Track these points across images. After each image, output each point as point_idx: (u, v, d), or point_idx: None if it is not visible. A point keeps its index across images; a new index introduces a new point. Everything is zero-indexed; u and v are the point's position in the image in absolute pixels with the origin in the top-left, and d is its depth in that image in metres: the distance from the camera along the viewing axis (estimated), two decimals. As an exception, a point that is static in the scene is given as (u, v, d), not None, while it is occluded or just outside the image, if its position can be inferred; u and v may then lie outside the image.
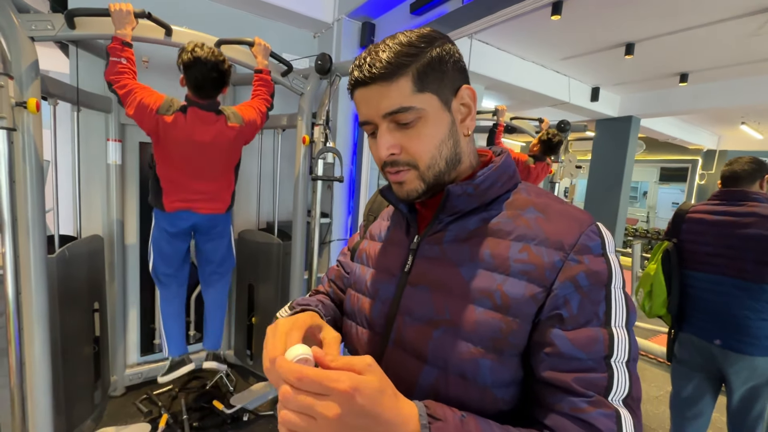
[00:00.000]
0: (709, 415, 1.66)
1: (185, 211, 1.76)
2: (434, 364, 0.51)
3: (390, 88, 0.50)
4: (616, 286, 0.48)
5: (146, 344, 2.42)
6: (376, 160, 0.57)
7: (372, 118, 0.53)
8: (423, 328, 0.52)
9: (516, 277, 0.48)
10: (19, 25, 1.34)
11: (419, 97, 0.51)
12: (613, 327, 0.46)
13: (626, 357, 0.46)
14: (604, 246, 0.49)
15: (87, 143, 2.04)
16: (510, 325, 0.47)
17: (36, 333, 1.44)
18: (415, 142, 0.52)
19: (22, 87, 1.33)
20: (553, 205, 0.53)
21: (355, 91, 0.53)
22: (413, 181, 0.54)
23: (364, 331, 0.61)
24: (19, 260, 1.39)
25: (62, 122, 1.84)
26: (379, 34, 2.45)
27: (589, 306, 0.46)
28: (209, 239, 1.93)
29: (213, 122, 1.68)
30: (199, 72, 1.55)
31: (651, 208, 9.61)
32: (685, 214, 1.64)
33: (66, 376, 1.69)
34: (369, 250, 0.67)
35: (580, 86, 4.08)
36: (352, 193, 2.69)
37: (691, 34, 2.76)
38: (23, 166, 1.36)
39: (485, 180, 0.54)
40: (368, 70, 0.50)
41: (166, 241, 1.83)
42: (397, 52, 0.50)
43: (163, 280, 1.91)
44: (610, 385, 0.44)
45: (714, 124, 6.09)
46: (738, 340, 1.45)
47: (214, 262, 2.01)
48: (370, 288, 0.62)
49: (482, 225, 0.54)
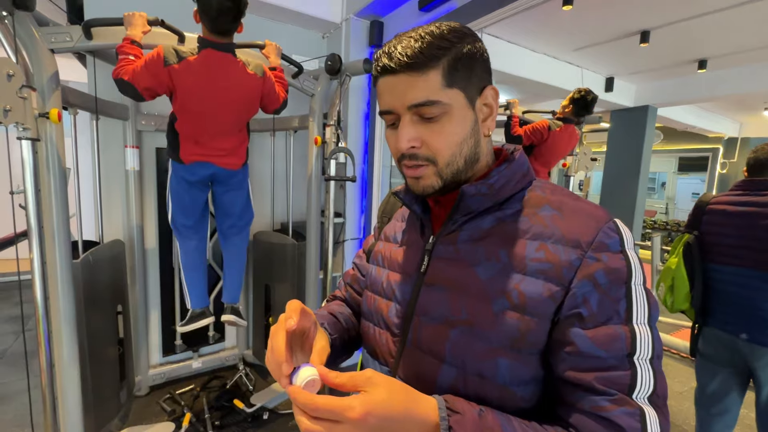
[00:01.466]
0: (736, 412, 1.61)
1: (204, 162, 1.72)
2: (452, 363, 0.51)
3: (419, 80, 0.49)
4: (636, 283, 0.47)
5: (168, 345, 2.48)
6: (392, 152, 0.56)
7: (395, 108, 0.52)
8: (440, 328, 0.52)
9: (533, 276, 0.48)
10: (40, 39, 1.38)
11: (447, 92, 0.50)
12: (634, 324, 0.45)
13: (650, 354, 0.45)
14: (623, 243, 0.48)
15: (106, 150, 2.10)
16: (528, 324, 0.47)
17: (64, 335, 1.49)
18: (438, 138, 0.51)
19: (45, 98, 1.38)
20: (569, 202, 0.52)
21: (381, 79, 0.52)
22: (430, 176, 0.53)
23: (381, 332, 0.61)
24: (46, 266, 1.44)
25: (81, 131, 1.89)
26: (388, 33, 2.44)
27: (608, 303, 0.46)
28: (227, 190, 1.88)
29: (230, 64, 1.59)
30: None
31: (670, 199, 9.36)
32: (706, 205, 1.59)
33: (93, 377, 1.74)
34: (384, 251, 0.67)
35: (593, 77, 4.00)
36: (364, 193, 2.70)
37: (708, 19, 2.67)
38: (47, 175, 1.40)
39: (499, 179, 0.54)
40: (399, 58, 0.49)
41: (185, 190, 1.78)
42: (430, 43, 0.49)
43: (182, 231, 1.87)
44: (634, 383, 0.44)
45: (735, 111, 5.89)
46: (765, 334, 1.41)
47: (234, 214, 1.96)
48: (386, 289, 0.62)
49: (497, 224, 0.53)
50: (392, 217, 0.74)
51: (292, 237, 2.40)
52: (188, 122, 1.65)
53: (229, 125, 1.72)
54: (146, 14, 1.51)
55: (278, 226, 2.69)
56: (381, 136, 2.53)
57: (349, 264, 2.72)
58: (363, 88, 2.57)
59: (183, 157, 1.70)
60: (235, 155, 1.81)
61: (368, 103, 2.59)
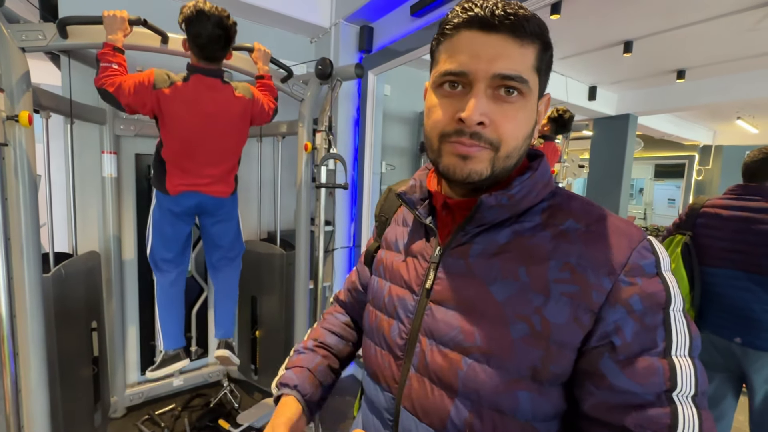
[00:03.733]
0: (731, 417, 1.62)
1: (190, 191, 1.65)
2: (466, 396, 0.45)
3: (517, 48, 0.42)
4: (675, 309, 0.41)
5: (146, 363, 2.34)
6: (440, 124, 0.46)
7: (474, 72, 0.43)
8: (451, 355, 0.46)
9: (558, 300, 0.42)
10: (9, 36, 1.28)
11: (533, 75, 0.44)
12: (674, 356, 0.40)
13: (692, 391, 0.39)
14: (659, 264, 0.43)
15: (81, 156, 1.98)
16: (551, 354, 0.42)
17: (32, 356, 1.37)
18: (509, 123, 0.44)
19: (14, 100, 1.27)
20: (595, 216, 0.46)
21: (463, 32, 0.43)
22: (484, 161, 0.45)
23: (383, 353, 0.55)
24: (13, 281, 1.33)
25: (55, 135, 1.77)
26: (378, 38, 2.41)
27: (644, 333, 0.40)
28: (216, 221, 1.81)
29: (219, 90, 1.57)
30: (203, 27, 1.44)
31: (648, 204, 9.64)
32: (701, 207, 1.61)
33: (64, 400, 1.61)
34: (386, 260, 0.60)
35: (577, 85, 4.08)
36: (354, 200, 2.64)
37: (688, 30, 2.76)
38: (15, 182, 1.30)
39: (521, 189, 0.47)
40: (503, 13, 0.41)
41: (169, 223, 1.70)
42: (533, 16, 0.43)
43: (161, 266, 1.78)
44: (675, 424, 0.38)
45: (710, 120, 6.12)
46: (758, 337, 1.43)
47: (223, 246, 1.89)
48: (387, 305, 0.55)
49: (514, 238, 0.47)
50: (390, 218, 0.67)
51: (280, 246, 2.32)
52: (175, 148, 1.59)
53: (218, 151, 1.67)
54: (127, 13, 1.43)
55: (265, 235, 2.60)
56: (371, 142, 2.49)
57: (338, 273, 2.65)
58: (352, 94, 2.53)
59: (169, 188, 1.63)
60: (224, 182, 1.74)
61: (357, 109, 2.55)
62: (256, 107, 1.68)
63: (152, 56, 1.90)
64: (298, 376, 0.63)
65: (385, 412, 0.53)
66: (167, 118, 1.52)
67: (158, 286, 1.84)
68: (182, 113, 1.52)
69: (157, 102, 1.48)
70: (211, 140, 1.62)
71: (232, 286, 2.00)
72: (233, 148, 1.72)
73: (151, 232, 1.75)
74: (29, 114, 1.27)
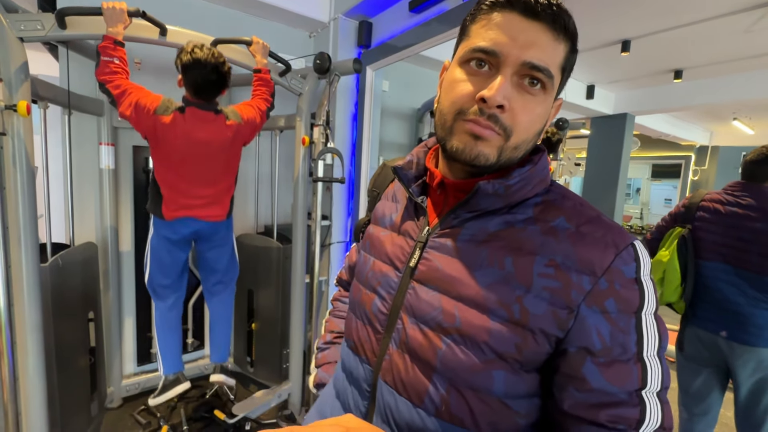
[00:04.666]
0: (717, 411, 1.65)
1: (186, 218, 1.71)
2: (443, 374, 0.47)
3: (552, 41, 0.43)
4: (647, 312, 0.45)
5: (143, 353, 2.36)
6: (457, 100, 0.46)
7: (506, 54, 0.43)
8: (431, 334, 0.48)
9: (539, 294, 0.44)
10: (8, 26, 1.28)
11: (559, 72, 0.45)
12: (645, 358, 0.44)
13: (658, 387, 0.44)
14: (639, 270, 0.45)
15: (79, 147, 1.98)
16: (527, 340, 0.44)
17: (29, 345, 1.38)
18: (526, 113, 0.45)
19: (12, 90, 1.28)
20: (586, 216, 0.48)
21: (505, 12, 0.43)
22: (493, 146, 0.46)
23: (364, 326, 0.56)
24: (11, 270, 1.34)
25: (52, 126, 1.78)
26: (377, 33, 2.42)
27: (620, 336, 0.43)
28: (212, 247, 1.88)
29: (212, 120, 1.63)
30: (199, 74, 1.51)
31: (644, 204, 9.70)
32: (700, 201, 1.63)
33: (61, 389, 1.63)
34: (373, 236, 0.61)
35: (575, 84, 4.09)
36: (351, 195, 2.65)
37: (686, 30, 2.77)
38: (13, 172, 1.30)
39: (519, 181, 0.48)
40: (545, 2, 0.42)
41: (166, 250, 1.76)
42: (570, 16, 0.44)
43: (159, 292, 1.83)
44: (642, 418, 0.42)
45: (706, 120, 6.15)
46: (744, 332, 1.46)
47: (219, 271, 1.95)
48: (370, 280, 0.57)
49: (505, 228, 0.49)
50: (381, 192, 0.67)
51: (277, 240, 2.33)
52: (170, 172, 1.64)
53: (211, 172, 1.71)
54: (126, 5, 1.43)
55: (262, 229, 2.61)
56: (369, 137, 2.50)
57: (335, 268, 2.67)
58: (351, 89, 2.54)
59: (165, 213, 1.67)
60: (219, 204, 1.78)
61: (356, 104, 2.56)
62: (248, 128, 1.74)
63: (149, 49, 1.90)
64: (330, 374, 0.68)
65: (364, 383, 0.55)
66: (161, 143, 1.58)
67: (157, 312, 1.88)
68: (177, 141, 1.58)
69: (153, 127, 1.53)
70: (204, 164, 1.67)
71: (227, 309, 2.05)
72: (227, 170, 1.78)
73: (149, 261, 1.80)
74: (27, 104, 1.28)
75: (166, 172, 1.65)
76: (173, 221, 1.69)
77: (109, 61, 1.42)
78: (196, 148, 1.62)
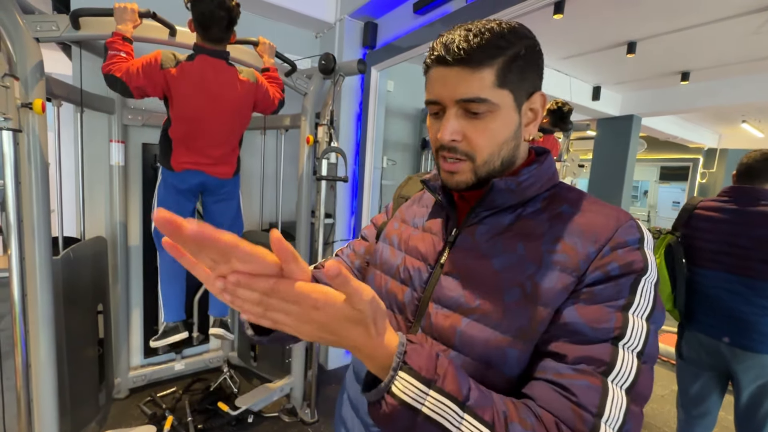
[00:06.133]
0: (716, 414, 1.65)
1: (194, 170, 1.71)
2: (460, 350, 0.50)
3: (472, 76, 0.49)
4: (648, 279, 0.46)
5: (149, 346, 2.41)
6: (432, 141, 0.56)
7: (443, 100, 0.52)
8: (452, 315, 0.52)
9: (548, 268, 0.48)
10: (24, 27, 1.33)
11: (497, 92, 0.50)
12: (630, 314, 0.44)
13: (639, 347, 0.43)
14: (642, 241, 0.48)
15: (90, 144, 2.04)
16: (539, 314, 0.47)
17: (41, 335, 1.43)
18: (480, 135, 0.52)
19: (28, 88, 1.33)
20: (589, 202, 0.53)
21: (433, 68, 0.52)
22: (466, 173, 0.54)
23: (391, 314, 0.61)
24: (25, 262, 1.39)
25: (65, 124, 1.83)
26: (382, 34, 2.45)
27: (611, 289, 0.45)
28: (218, 200, 1.88)
29: (223, 70, 1.61)
30: (206, 7, 1.49)
31: (652, 207, 9.60)
32: (694, 208, 1.62)
33: (71, 379, 1.68)
34: (402, 234, 0.66)
35: (581, 85, 4.08)
36: (355, 194, 2.68)
37: (692, 32, 2.76)
38: (28, 168, 1.35)
39: (529, 178, 0.54)
40: (455, 51, 0.49)
41: (174, 200, 1.76)
42: (489, 40, 0.49)
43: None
44: (612, 366, 0.42)
45: (715, 123, 6.09)
46: (746, 338, 1.44)
47: (223, 224, 1.93)
48: (402, 273, 0.61)
49: (517, 221, 0.54)
50: (409, 198, 0.73)
51: (281, 237, 2.37)
52: (182, 128, 1.64)
53: (221, 132, 1.71)
54: (137, 6, 1.48)
55: (266, 226, 2.65)
56: (373, 137, 2.53)
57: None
58: (355, 89, 2.57)
59: (174, 164, 1.68)
60: (227, 164, 1.79)
61: (360, 104, 2.59)
62: (260, 91, 1.71)
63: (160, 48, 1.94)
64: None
65: None
66: (175, 98, 1.56)
67: (161, 262, 1.90)
68: (189, 92, 1.56)
69: (165, 81, 1.52)
70: (215, 121, 1.66)
71: None
72: (235, 130, 1.76)
73: (156, 209, 1.79)
74: (42, 102, 1.33)
75: (178, 128, 1.64)
76: (182, 171, 1.70)
77: (116, 54, 1.44)
78: (207, 100, 1.61)
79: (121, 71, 1.44)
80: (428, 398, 0.39)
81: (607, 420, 0.40)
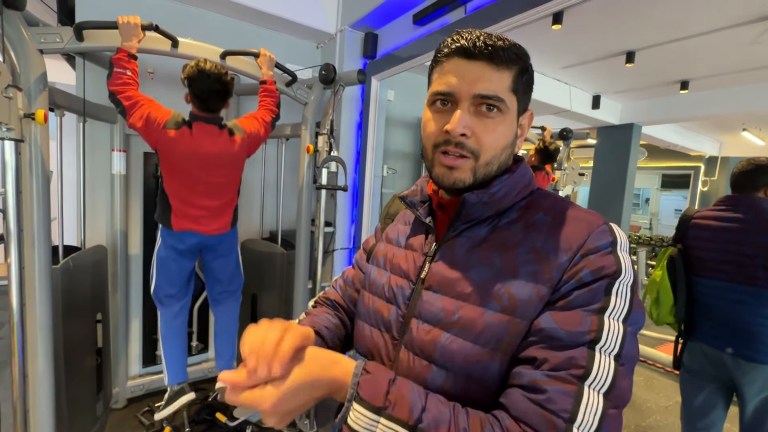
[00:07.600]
0: (720, 427, 1.62)
1: (192, 231, 1.76)
2: (442, 365, 0.50)
3: (495, 73, 0.50)
4: (623, 282, 0.46)
5: (148, 356, 2.40)
6: (430, 135, 0.54)
7: (459, 92, 0.51)
8: (433, 330, 0.52)
9: (523, 279, 0.48)
10: (29, 38, 1.35)
11: (510, 95, 0.52)
12: (606, 317, 0.44)
13: (615, 350, 0.43)
14: (615, 244, 0.48)
15: (92, 154, 2.05)
16: (517, 327, 0.47)
17: (39, 344, 1.42)
18: (489, 134, 0.52)
19: (31, 99, 1.34)
20: (562, 209, 0.53)
21: (451, 59, 0.52)
22: (466, 171, 0.53)
23: (380, 333, 0.61)
24: (24, 271, 1.39)
25: (67, 133, 1.85)
26: (382, 45, 2.47)
27: (585, 294, 0.45)
28: (216, 256, 1.92)
29: (217, 135, 1.70)
30: (204, 84, 1.58)
31: (654, 215, 9.59)
32: (690, 219, 1.62)
33: (68, 388, 1.67)
34: (387, 253, 0.66)
35: (581, 94, 4.10)
36: (355, 202, 2.69)
37: (691, 42, 2.78)
38: (30, 177, 1.36)
39: (501, 188, 0.54)
40: (482, 44, 0.49)
41: (174, 260, 1.81)
42: (511, 45, 0.51)
43: (165, 301, 1.87)
44: (588, 371, 0.41)
45: (715, 131, 6.10)
46: (751, 349, 1.42)
47: (224, 280, 1.99)
48: (387, 292, 0.62)
49: (493, 232, 0.54)
50: (394, 218, 0.74)
51: (281, 245, 2.37)
52: (176, 183, 1.71)
53: (218, 185, 1.77)
54: (140, 19, 1.50)
55: (267, 235, 2.65)
56: (373, 145, 2.54)
57: (337, 273, 2.69)
58: (356, 98, 2.59)
59: (174, 223, 1.73)
60: (224, 216, 1.84)
61: (360, 113, 2.61)
62: (251, 139, 1.81)
63: (162, 60, 1.97)
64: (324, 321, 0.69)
65: None
66: (169, 156, 1.65)
67: (162, 320, 1.91)
68: (184, 154, 1.65)
69: (160, 139, 1.60)
70: (210, 177, 1.73)
71: (232, 318, 2.08)
72: (231, 183, 1.83)
73: (155, 271, 1.84)
74: (45, 112, 1.34)
75: (173, 183, 1.70)
76: (180, 232, 1.75)
77: (122, 72, 1.49)
78: (203, 161, 1.68)
79: (128, 101, 1.51)
80: (379, 425, 0.42)
81: (580, 425, 0.40)
